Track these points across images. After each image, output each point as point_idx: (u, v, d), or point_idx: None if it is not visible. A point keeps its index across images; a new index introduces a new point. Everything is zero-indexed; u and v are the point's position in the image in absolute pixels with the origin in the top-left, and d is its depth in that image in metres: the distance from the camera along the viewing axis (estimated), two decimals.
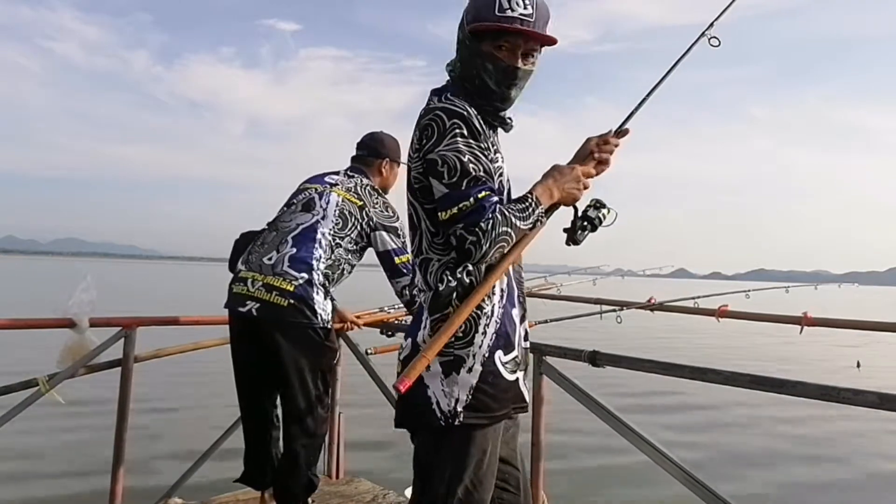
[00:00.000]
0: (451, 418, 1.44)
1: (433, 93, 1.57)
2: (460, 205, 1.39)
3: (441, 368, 1.45)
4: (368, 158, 2.89)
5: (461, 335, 1.44)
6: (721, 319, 3.25)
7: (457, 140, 1.43)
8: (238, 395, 2.72)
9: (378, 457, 5.91)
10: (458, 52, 1.56)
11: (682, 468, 2.20)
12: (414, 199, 1.52)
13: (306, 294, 2.51)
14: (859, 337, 15.56)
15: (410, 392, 1.41)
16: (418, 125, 1.50)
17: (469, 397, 1.44)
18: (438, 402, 1.45)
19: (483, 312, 1.46)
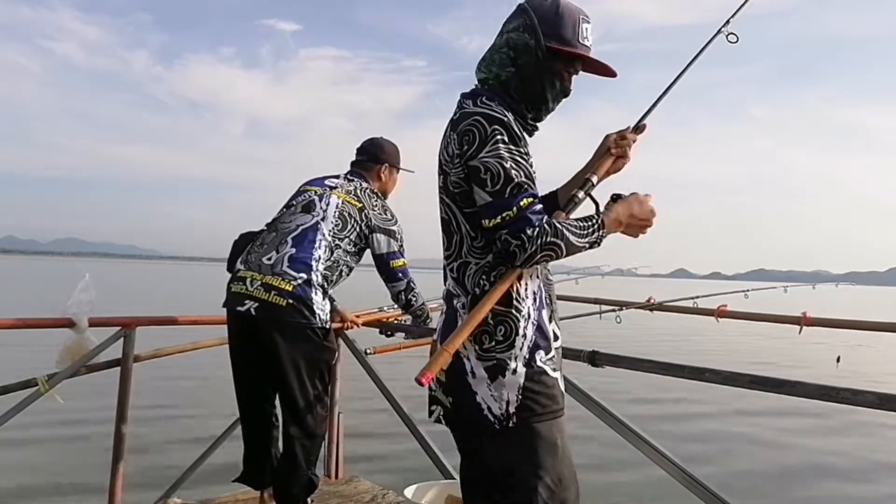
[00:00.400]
0: (506, 420, 1.44)
1: (465, 96, 1.57)
2: (503, 214, 1.40)
3: (486, 374, 1.45)
4: (368, 164, 2.91)
5: (501, 339, 1.45)
6: (720, 319, 3.25)
7: (498, 146, 1.43)
8: (237, 395, 2.72)
9: (377, 456, 5.91)
10: (517, 60, 1.54)
11: (680, 467, 2.21)
12: (452, 203, 1.52)
13: (305, 294, 2.51)
14: (859, 336, 15.57)
15: (461, 401, 1.47)
16: (455, 129, 1.50)
17: (519, 398, 1.45)
18: (489, 406, 1.45)
19: (521, 315, 1.47)
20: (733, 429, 8.20)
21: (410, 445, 3.30)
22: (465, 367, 1.47)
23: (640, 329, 15.20)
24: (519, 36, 1.54)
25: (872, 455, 7.23)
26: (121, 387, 2.97)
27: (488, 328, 1.46)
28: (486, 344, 1.46)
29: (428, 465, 3.09)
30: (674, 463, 2.22)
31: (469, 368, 1.47)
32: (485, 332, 1.46)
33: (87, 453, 5.84)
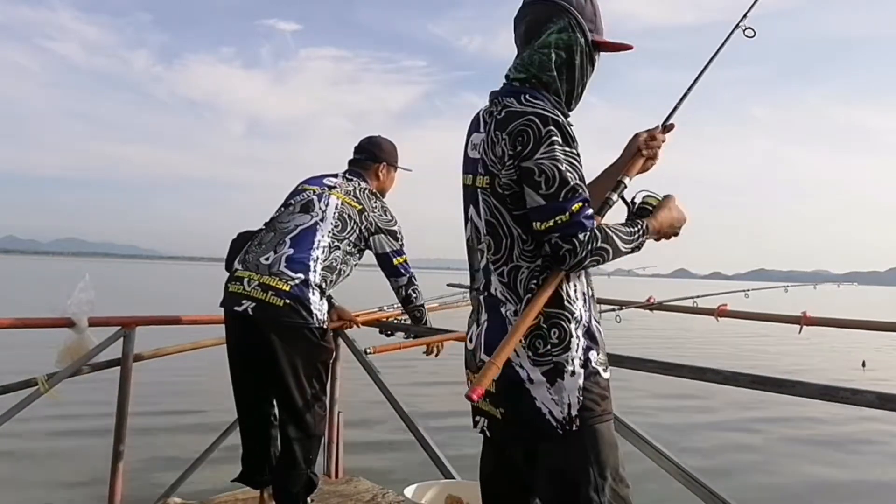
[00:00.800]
0: (569, 423, 1.42)
1: (503, 94, 1.53)
2: (556, 218, 1.38)
3: (545, 378, 1.43)
4: (366, 162, 2.92)
5: (556, 341, 1.43)
6: (720, 319, 3.24)
7: (554, 147, 1.40)
8: (234, 395, 2.72)
9: (377, 456, 5.91)
10: (570, 59, 1.53)
11: (680, 467, 2.20)
12: (500, 205, 1.48)
13: (302, 294, 2.51)
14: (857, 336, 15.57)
15: (518, 409, 1.44)
16: (504, 129, 1.45)
17: (580, 399, 1.43)
18: (551, 410, 1.42)
19: (573, 317, 1.45)
20: (734, 428, 8.20)
21: (410, 445, 3.30)
22: (520, 376, 1.44)
23: (641, 329, 15.20)
24: (569, 36, 1.52)
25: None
26: (121, 386, 2.97)
27: (541, 332, 1.43)
28: (540, 348, 1.43)
29: (428, 464, 3.09)
30: (674, 462, 2.22)
31: (525, 376, 1.43)
32: (538, 337, 1.43)
33: (87, 453, 5.83)
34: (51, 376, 2.82)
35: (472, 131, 1.61)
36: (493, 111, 1.52)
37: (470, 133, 1.62)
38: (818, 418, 8.41)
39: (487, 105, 1.58)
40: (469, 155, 1.59)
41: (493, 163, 1.48)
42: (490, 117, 1.52)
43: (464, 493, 2.37)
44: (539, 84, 1.53)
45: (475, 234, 1.57)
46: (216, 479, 3.79)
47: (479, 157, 1.53)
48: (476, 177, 1.54)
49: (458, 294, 3.84)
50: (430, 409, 8.13)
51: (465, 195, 1.61)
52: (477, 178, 1.54)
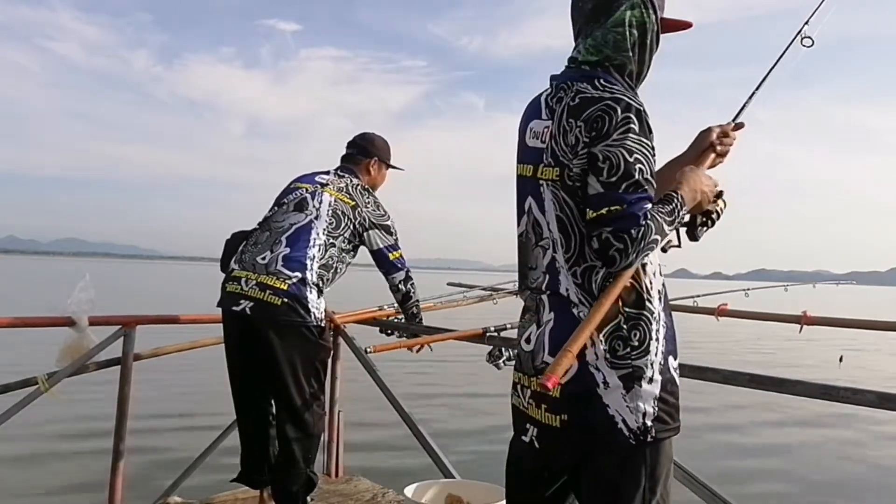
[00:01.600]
0: (643, 434, 1.32)
1: (574, 79, 1.42)
2: (612, 207, 1.27)
3: (621, 383, 1.32)
4: (358, 157, 2.92)
5: (637, 344, 1.33)
6: (720, 318, 3.24)
7: (628, 136, 1.29)
8: (233, 395, 2.72)
9: (377, 455, 5.91)
10: (637, 37, 1.42)
11: (681, 467, 2.20)
12: (570, 199, 1.36)
13: (300, 293, 2.51)
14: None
15: (586, 417, 1.33)
16: (579, 116, 1.34)
17: (656, 409, 1.33)
18: (625, 419, 1.32)
19: (654, 317, 1.36)
20: (734, 428, 8.20)
21: (410, 444, 3.29)
22: (594, 379, 1.33)
23: None
24: (643, 13, 1.42)
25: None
26: (121, 386, 2.97)
27: (622, 333, 1.33)
28: (620, 350, 1.33)
29: (428, 463, 3.09)
30: (675, 463, 2.22)
31: (601, 379, 1.32)
32: (618, 338, 1.33)
33: (87, 452, 5.84)
34: (51, 375, 2.82)
35: (530, 118, 1.49)
36: (563, 97, 1.41)
37: (528, 120, 1.50)
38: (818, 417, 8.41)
39: (550, 91, 1.46)
40: (528, 143, 1.48)
41: (565, 152, 1.36)
42: (558, 104, 1.41)
43: (464, 493, 2.37)
44: (612, 67, 1.42)
45: (535, 229, 1.46)
46: (216, 479, 3.78)
47: (546, 146, 1.41)
48: (540, 167, 1.43)
49: (458, 294, 3.84)
50: (430, 408, 8.14)
51: (522, 187, 1.49)
52: (542, 170, 1.42)
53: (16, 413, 2.72)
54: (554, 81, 1.47)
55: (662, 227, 1.31)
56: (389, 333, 3.21)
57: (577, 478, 1.42)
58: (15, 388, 2.79)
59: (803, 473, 6.58)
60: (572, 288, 1.38)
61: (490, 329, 2.70)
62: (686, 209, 1.38)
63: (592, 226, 1.30)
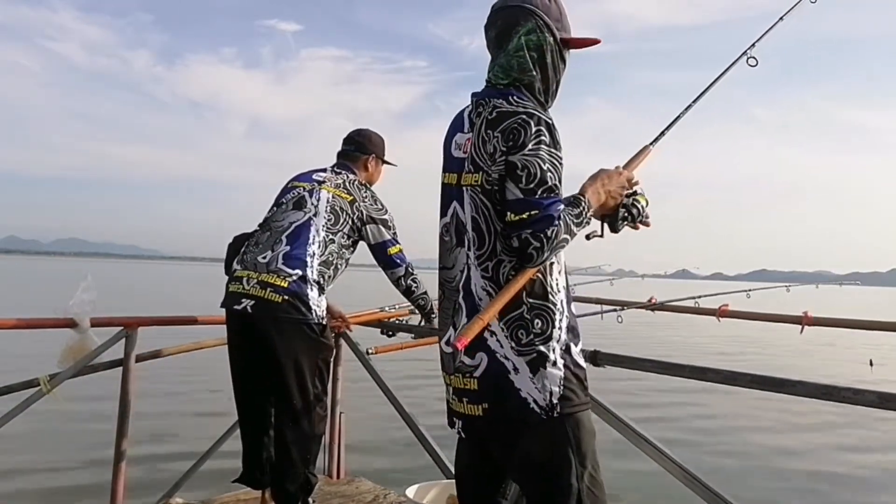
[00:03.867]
0: (550, 411, 1.47)
1: (490, 95, 1.58)
2: (531, 211, 1.43)
3: (528, 367, 1.48)
4: (355, 154, 2.93)
5: (539, 331, 1.49)
6: (721, 319, 3.24)
7: (541, 147, 1.46)
8: (235, 395, 2.72)
9: (379, 456, 5.91)
10: (542, 59, 1.58)
11: (682, 467, 2.21)
12: (487, 200, 1.52)
13: (300, 290, 2.52)
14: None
15: (502, 401, 1.48)
16: (496, 128, 1.51)
17: (561, 389, 1.48)
18: (535, 399, 1.47)
19: (556, 308, 1.52)
20: (735, 428, 8.20)
21: (412, 445, 3.30)
22: (504, 367, 1.48)
23: (643, 329, 15.19)
24: (538, 37, 1.58)
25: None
26: (122, 387, 2.97)
27: (524, 322, 1.48)
28: (524, 338, 1.48)
29: (429, 464, 3.09)
30: (675, 462, 2.22)
31: (510, 366, 1.48)
32: (521, 328, 1.48)
33: (89, 453, 5.84)
34: (53, 377, 2.82)
35: (455, 131, 1.65)
36: (482, 111, 1.57)
37: (453, 133, 1.65)
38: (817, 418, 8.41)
39: (471, 107, 1.62)
40: (452, 154, 1.63)
41: (484, 160, 1.52)
42: (478, 118, 1.57)
43: None
44: (522, 86, 1.58)
45: (456, 231, 1.60)
46: (218, 480, 3.79)
47: (467, 156, 1.57)
48: (462, 175, 1.58)
49: None
50: (430, 408, 8.14)
51: (446, 194, 1.64)
52: (464, 176, 1.57)
53: (18, 414, 2.73)
54: (474, 98, 1.62)
55: (571, 227, 1.47)
56: (391, 335, 3.21)
57: (509, 463, 1.56)
58: (17, 390, 2.79)
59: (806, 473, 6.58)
60: (481, 282, 1.53)
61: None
62: (593, 210, 1.53)
63: (513, 227, 1.45)
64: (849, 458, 7.10)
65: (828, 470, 6.71)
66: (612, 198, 1.58)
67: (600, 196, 1.56)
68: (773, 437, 7.83)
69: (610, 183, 1.58)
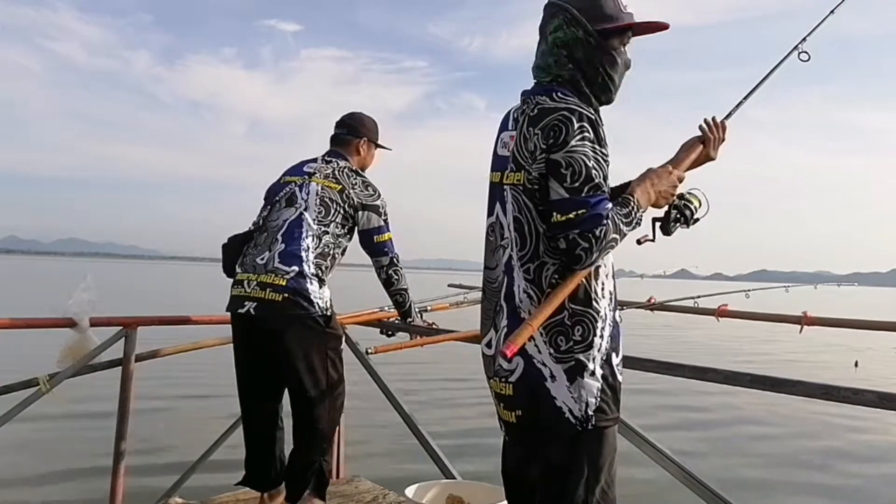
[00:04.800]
0: (585, 422, 1.44)
1: (535, 93, 1.55)
2: (578, 211, 1.38)
3: (565, 375, 1.44)
4: (347, 137, 2.91)
5: (579, 339, 1.45)
6: (721, 319, 3.23)
7: (585, 143, 1.42)
8: (240, 398, 2.72)
9: (379, 456, 5.91)
10: (573, 56, 1.53)
11: (679, 464, 2.21)
12: (529, 201, 1.48)
13: (299, 286, 2.52)
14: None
15: (536, 408, 1.45)
16: (537, 125, 1.46)
17: (597, 400, 1.45)
18: (570, 409, 1.44)
19: (599, 315, 1.48)
20: (735, 428, 8.20)
21: (411, 445, 3.30)
22: (541, 373, 1.45)
23: (642, 329, 15.19)
24: (565, 33, 1.53)
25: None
26: (122, 386, 2.97)
27: (565, 329, 1.44)
28: (563, 346, 1.44)
29: (429, 464, 3.09)
30: (675, 462, 2.22)
31: (548, 373, 1.45)
32: (560, 334, 1.44)
33: (88, 453, 5.84)
34: (52, 376, 2.82)
35: (501, 130, 1.62)
36: (525, 109, 1.53)
37: (500, 132, 1.63)
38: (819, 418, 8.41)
39: (519, 105, 1.59)
40: (498, 153, 1.60)
41: (525, 158, 1.48)
42: (522, 115, 1.53)
43: (465, 493, 2.37)
44: (565, 81, 1.55)
45: (499, 231, 1.57)
46: (217, 480, 3.79)
47: (510, 154, 1.53)
48: (505, 173, 1.55)
49: (460, 294, 3.84)
50: (430, 408, 8.14)
51: (492, 192, 1.61)
52: (506, 175, 1.54)
53: (17, 414, 2.72)
54: (522, 96, 1.60)
55: (620, 227, 1.43)
56: (390, 334, 3.21)
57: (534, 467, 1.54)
58: (16, 389, 2.79)
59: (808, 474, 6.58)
60: (523, 284, 1.49)
61: None
62: (642, 210, 1.50)
63: (560, 228, 1.41)
64: (848, 458, 7.10)
65: (828, 470, 6.71)
66: (663, 198, 1.56)
67: (650, 196, 1.52)
68: (772, 436, 7.83)
69: (660, 183, 1.55)
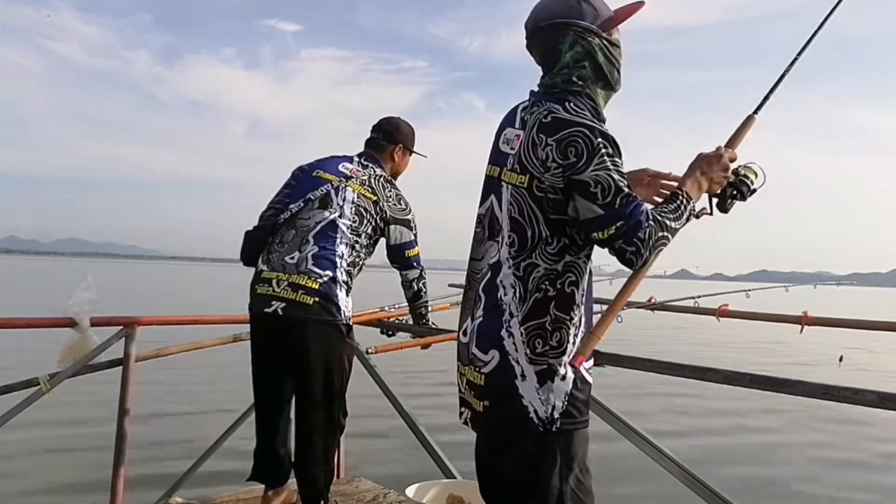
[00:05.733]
0: (549, 424, 1.47)
1: (546, 98, 1.55)
2: (617, 224, 1.42)
3: (536, 377, 1.47)
4: (382, 142, 2.89)
5: (555, 344, 1.48)
6: (721, 319, 3.23)
7: (605, 160, 1.44)
8: (256, 394, 2.70)
9: (379, 456, 5.92)
10: (589, 64, 1.56)
11: (679, 464, 2.21)
12: (534, 205, 1.50)
13: (331, 291, 2.53)
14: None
15: (503, 403, 1.49)
16: (551, 134, 1.47)
17: (564, 404, 1.48)
18: (536, 410, 1.47)
19: (572, 324, 1.50)
20: (735, 428, 8.20)
21: (412, 445, 3.30)
22: (514, 370, 1.48)
23: (643, 329, 15.19)
24: (582, 46, 1.56)
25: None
26: (122, 386, 2.97)
27: (544, 333, 1.48)
28: (539, 348, 1.48)
29: (429, 464, 3.09)
30: (675, 462, 2.22)
31: (520, 372, 1.48)
32: (539, 337, 1.48)
33: (89, 453, 5.85)
34: (53, 376, 2.82)
35: (505, 125, 1.62)
36: (535, 111, 1.53)
37: (503, 126, 1.63)
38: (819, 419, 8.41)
39: (528, 104, 1.59)
40: (500, 147, 1.60)
41: (534, 164, 1.49)
42: (532, 118, 1.53)
43: (465, 493, 2.38)
44: (578, 93, 1.56)
45: (489, 225, 1.58)
46: (218, 479, 3.80)
47: (515, 153, 1.54)
48: (505, 171, 1.55)
49: (460, 294, 3.83)
50: (430, 407, 8.14)
51: (488, 185, 1.62)
52: (505, 173, 1.55)
53: (18, 413, 2.72)
54: (532, 97, 1.60)
55: (666, 223, 1.46)
56: (391, 334, 3.21)
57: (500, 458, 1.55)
58: (17, 389, 2.79)
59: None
60: (511, 279, 1.51)
61: None
62: (694, 201, 1.53)
63: (606, 243, 1.45)
64: (847, 458, 7.10)
65: (826, 469, 6.71)
66: (716, 183, 1.57)
67: (701, 184, 1.56)
68: (771, 435, 7.84)
69: (710, 170, 1.56)
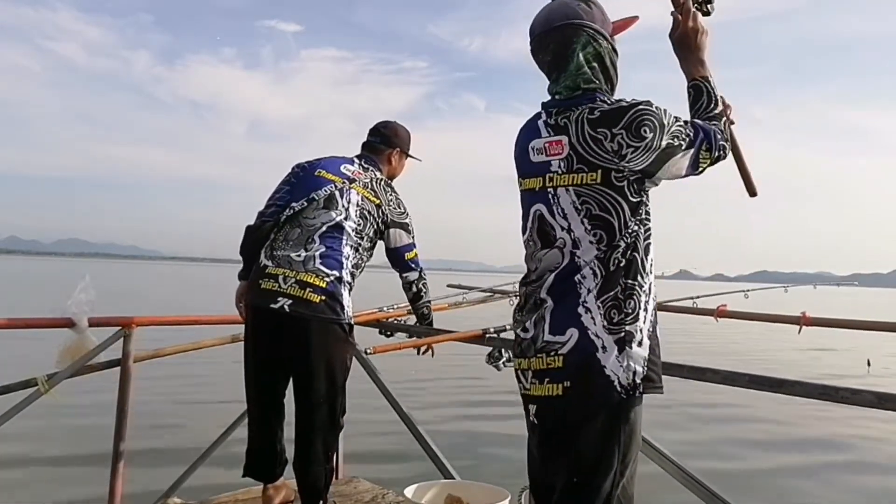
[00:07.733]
0: (632, 390, 1.52)
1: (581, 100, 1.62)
2: (701, 149, 1.60)
3: (616, 346, 1.52)
4: (380, 146, 2.91)
5: (630, 311, 1.53)
6: (719, 319, 3.24)
7: (669, 118, 1.57)
8: (251, 390, 2.70)
9: (377, 456, 5.91)
10: (598, 66, 1.65)
11: (679, 465, 2.21)
12: (617, 195, 1.56)
13: (336, 290, 2.55)
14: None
15: (586, 383, 1.52)
16: (615, 124, 1.54)
17: (644, 369, 1.54)
18: (619, 377, 1.51)
19: (643, 290, 1.56)
20: (735, 428, 8.20)
21: (410, 445, 3.30)
22: (595, 344, 1.52)
23: None
24: (594, 48, 1.63)
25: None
26: (120, 387, 2.97)
27: (618, 302, 1.53)
28: (615, 318, 1.52)
29: (428, 464, 3.09)
30: (672, 461, 2.22)
31: (601, 344, 1.51)
32: (615, 307, 1.53)
33: (87, 453, 5.84)
34: (51, 376, 2.82)
35: (528, 139, 1.67)
36: (571, 115, 1.59)
37: (528, 140, 1.67)
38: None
39: (546, 115, 1.65)
40: (532, 160, 1.65)
41: (605, 158, 1.54)
42: (568, 120, 1.59)
43: (464, 493, 2.37)
44: (595, 90, 1.64)
45: (542, 233, 1.63)
46: (216, 480, 3.79)
47: (561, 157, 1.59)
48: (550, 175, 1.60)
49: (459, 294, 3.84)
50: (429, 408, 8.14)
51: (530, 198, 1.67)
52: (559, 178, 1.59)
53: (16, 414, 2.72)
54: (552, 108, 1.65)
55: (715, 113, 1.67)
56: (389, 335, 3.21)
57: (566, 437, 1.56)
58: (15, 389, 2.79)
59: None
60: (591, 271, 1.55)
61: (490, 330, 2.70)
62: (707, 72, 1.70)
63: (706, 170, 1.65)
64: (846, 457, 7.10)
65: (826, 469, 6.71)
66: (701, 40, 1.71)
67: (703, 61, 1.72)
68: (771, 435, 7.83)
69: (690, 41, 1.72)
